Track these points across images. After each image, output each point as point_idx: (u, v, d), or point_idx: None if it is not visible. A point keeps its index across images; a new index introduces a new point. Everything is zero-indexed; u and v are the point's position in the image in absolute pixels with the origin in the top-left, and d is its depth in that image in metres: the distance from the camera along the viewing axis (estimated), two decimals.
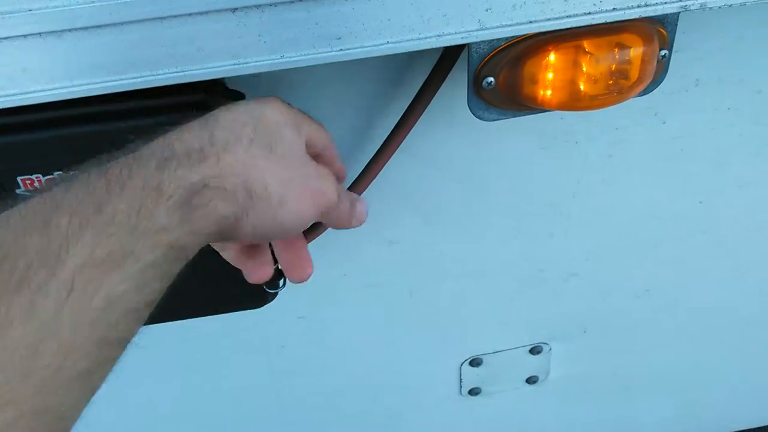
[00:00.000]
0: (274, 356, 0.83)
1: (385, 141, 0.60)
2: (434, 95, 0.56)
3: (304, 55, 0.42)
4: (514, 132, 0.65)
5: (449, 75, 0.56)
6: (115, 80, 0.42)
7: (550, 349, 0.90)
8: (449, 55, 0.53)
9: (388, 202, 0.69)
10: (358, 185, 0.63)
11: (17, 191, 0.48)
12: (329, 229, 0.66)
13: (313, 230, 0.65)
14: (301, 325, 0.80)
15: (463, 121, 0.63)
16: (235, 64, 0.42)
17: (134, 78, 0.42)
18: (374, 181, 0.62)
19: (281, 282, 0.60)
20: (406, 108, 0.58)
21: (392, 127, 0.59)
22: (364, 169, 0.62)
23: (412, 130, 0.59)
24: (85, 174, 0.34)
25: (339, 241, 0.71)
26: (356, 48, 0.42)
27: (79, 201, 0.32)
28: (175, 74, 0.42)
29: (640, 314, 0.87)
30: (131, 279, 0.32)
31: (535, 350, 0.90)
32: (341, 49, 0.42)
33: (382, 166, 0.62)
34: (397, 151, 0.60)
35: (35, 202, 0.33)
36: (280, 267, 0.61)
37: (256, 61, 0.42)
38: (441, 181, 0.68)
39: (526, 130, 0.65)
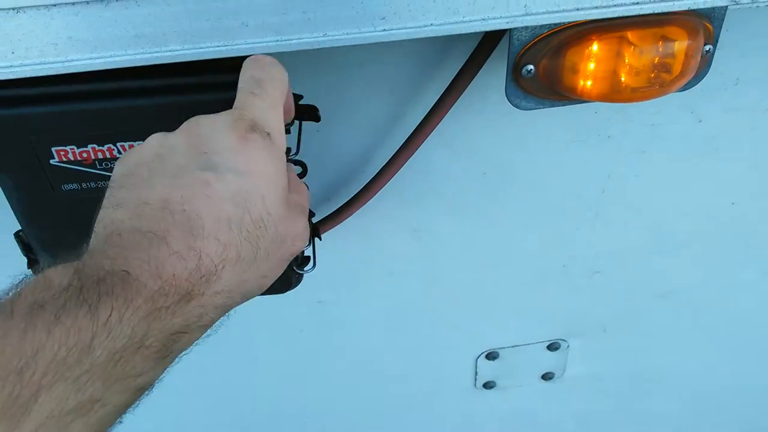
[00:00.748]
0: (291, 339, 0.83)
1: (416, 127, 0.59)
2: (470, 82, 0.56)
3: (347, 34, 0.42)
4: (546, 123, 0.64)
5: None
6: (157, 52, 0.41)
7: (568, 346, 0.90)
8: (488, 41, 0.53)
9: (414, 189, 0.69)
10: (387, 171, 0.62)
11: (50, 161, 0.48)
12: (353, 215, 0.66)
13: (332, 218, 0.65)
14: (320, 309, 0.80)
15: (495, 110, 0.62)
16: (277, 41, 0.42)
17: (176, 50, 0.41)
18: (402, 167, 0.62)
19: (311, 264, 0.60)
20: (440, 94, 0.58)
21: (424, 113, 0.59)
22: (393, 155, 0.61)
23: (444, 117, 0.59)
24: (73, 310, 0.31)
25: (362, 227, 0.71)
26: (399, 29, 0.42)
27: (61, 346, 0.30)
28: (218, 48, 0.41)
29: (662, 315, 0.86)
30: (95, 423, 0.31)
31: (552, 346, 0.90)
32: (384, 30, 0.42)
33: (412, 153, 0.61)
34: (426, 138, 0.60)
35: (16, 338, 0.29)
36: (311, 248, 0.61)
37: (299, 39, 0.42)
38: (469, 170, 0.68)
39: (559, 122, 0.64)
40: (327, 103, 0.56)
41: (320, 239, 0.64)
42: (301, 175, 0.57)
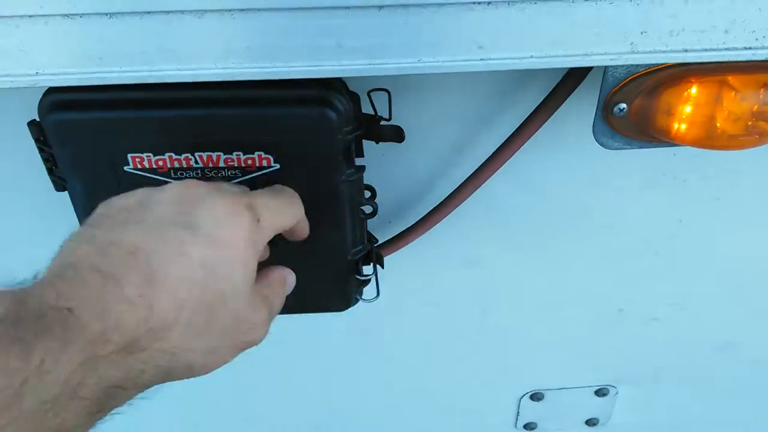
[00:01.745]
0: (332, 365, 0.81)
1: (488, 158, 0.58)
2: (550, 116, 0.54)
3: (443, 61, 0.40)
4: (621, 163, 0.62)
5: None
6: (246, 68, 0.40)
7: (617, 392, 0.86)
8: (574, 77, 0.51)
9: (474, 220, 0.67)
10: (452, 200, 0.60)
11: (125, 168, 0.47)
12: (409, 245, 0.64)
13: (392, 243, 0.63)
14: (363, 336, 0.78)
15: (569, 147, 0.60)
16: (370, 64, 0.40)
17: (267, 68, 0.40)
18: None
19: (376, 293, 0.58)
20: (511, 127, 0.56)
21: (491, 146, 0.57)
22: (461, 184, 0.60)
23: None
24: (4, 349, 0.28)
25: (416, 255, 0.68)
26: (497, 59, 0.40)
27: None
28: (308, 68, 0.40)
29: (717, 368, 0.83)
30: None
31: (600, 392, 0.86)
32: (481, 59, 0.40)
33: (480, 184, 0.59)
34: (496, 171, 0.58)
35: None
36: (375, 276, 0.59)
37: (394, 63, 0.40)
38: (533, 206, 0.66)
39: (635, 162, 0.62)
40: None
41: (383, 267, 0.62)
42: (371, 199, 0.56)
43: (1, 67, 0.40)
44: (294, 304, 0.60)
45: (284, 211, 0.43)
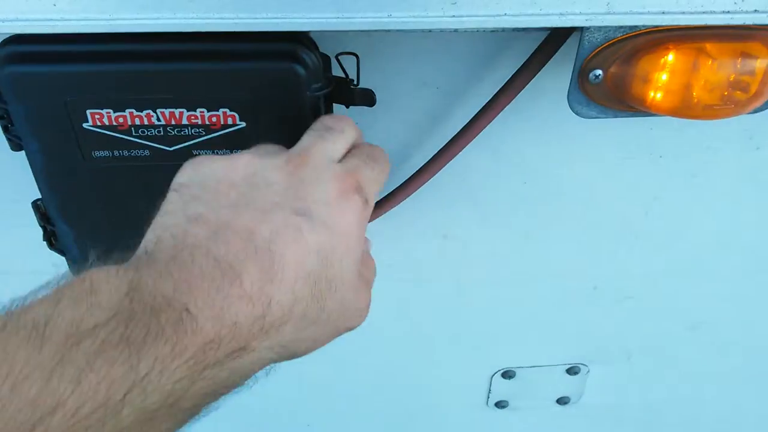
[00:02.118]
0: None
1: (462, 128, 0.56)
2: (526, 84, 0.53)
3: (413, 17, 0.39)
4: (597, 136, 0.61)
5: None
6: (209, 18, 0.38)
7: (588, 371, 0.86)
8: (551, 42, 0.50)
9: (448, 192, 0.65)
10: (424, 172, 0.59)
11: (83, 124, 0.45)
12: (380, 217, 0.62)
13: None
14: None
15: (546, 117, 0.59)
16: (338, 18, 0.39)
17: (230, 18, 0.38)
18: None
19: None
20: (487, 95, 0.55)
21: (467, 114, 0.56)
22: (434, 155, 0.58)
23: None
24: (111, 353, 0.26)
25: (388, 228, 0.67)
26: (470, 16, 0.39)
27: (86, 402, 0.24)
28: (275, 20, 0.38)
29: (690, 347, 0.83)
30: None
31: (572, 370, 0.86)
32: (453, 16, 0.39)
33: (454, 155, 0.58)
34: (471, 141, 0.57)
35: (38, 384, 0.24)
36: None
37: (362, 17, 0.39)
38: (509, 178, 0.65)
39: (611, 137, 0.61)
40: None
41: None
42: None
43: None
44: None
45: (381, 180, 0.42)
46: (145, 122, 0.44)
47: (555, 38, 0.49)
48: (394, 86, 0.57)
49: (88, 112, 0.44)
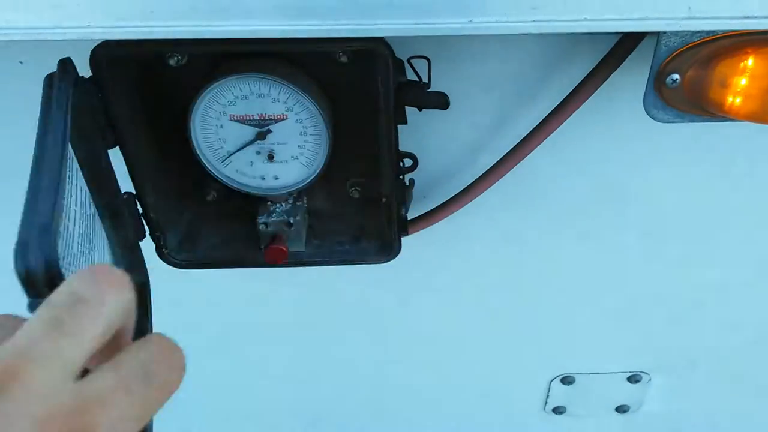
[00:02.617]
0: (361, 339, 0.81)
1: (532, 130, 0.57)
2: (597, 88, 0.53)
3: (494, 22, 0.40)
4: (670, 141, 0.60)
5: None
6: (296, 25, 0.40)
7: (650, 380, 0.85)
8: (626, 45, 0.50)
9: (514, 193, 0.66)
10: (491, 175, 0.60)
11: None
12: (445, 219, 0.63)
13: (425, 219, 0.63)
14: (397, 309, 0.78)
15: (617, 120, 0.59)
16: (418, 24, 0.40)
17: (317, 26, 0.40)
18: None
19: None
20: (557, 98, 0.55)
21: (536, 117, 0.56)
22: (501, 158, 0.59)
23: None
24: None
25: (452, 227, 0.68)
26: (550, 21, 0.40)
27: None
28: (358, 26, 0.40)
29: (757, 360, 0.81)
30: None
31: (633, 378, 0.85)
32: (534, 21, 0.40)
33: (521, 158, 0.59)
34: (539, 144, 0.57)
35: None
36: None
37: (443, 24, 0.40)
38: (577, 182, 0.64)
39: (684, 141, 0.60)
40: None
41: (407, 234, 0.62)
42: (411, 169, 0.56)
43: (53, 18, 0.41)
44: (335, 256, 0.61)
45: (146, 417, 0.25)
46: None
47: (628, 42, 0.49)
48: (461, 88, 0.58)
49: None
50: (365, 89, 0.55)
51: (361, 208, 0.64)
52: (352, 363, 0.84)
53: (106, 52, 0.46)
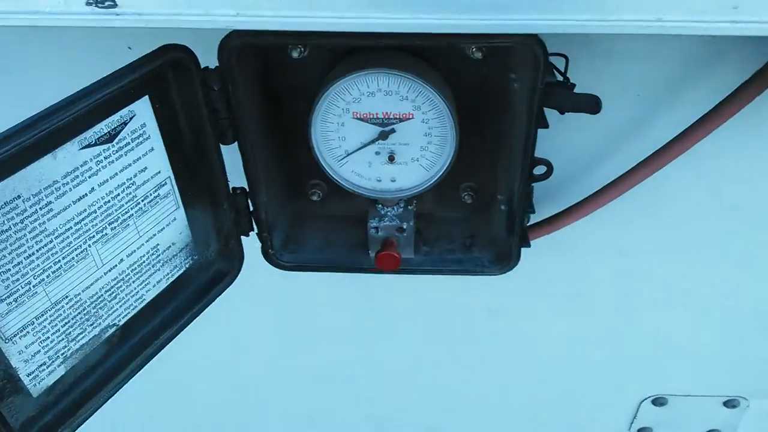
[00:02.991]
0: (454, 341, 0.78)
1: (671, 141, 0.53)
2: (755, 96, 0.48)
3: (687, 21, 0.36)
4: None
5: None
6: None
7: (749, 405, 0.80)
8: None
9: (633, 208, 0.61)
10: (618, 186, 0.56)
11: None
12: (561, 230, 0.59)
13: (546, 225, 0.59)
14: (487, 318, 0.75)
15: (763, 133, 0.54)
16: (602, 21, 0.36)
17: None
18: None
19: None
20: (710, 105, 0.50)
21: (676, 125, 0.52)
22: (634, 167, 0.55)
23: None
24: None
25: (562, 237, 0.63)
26: (752, 22, 0.35)
27: None
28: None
29: None
30: None
31: (730, 403, 0.80)
32: (733, 21, 0.36)
33: (655, 171, 0.54)
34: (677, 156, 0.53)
35: None
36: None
37: (628, 21, 0.36)
38: (704, 197, 0.60)
39: None
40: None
41: (528, 246, 0.58)
42: (544, 176, 0.52)
43: (198, 5, 0.38)
44: (446, 265, 0.58)
45: None
46: None
47: None
48: (594, 89, 0.53)
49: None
50: (497, 87, 0.52)
51: (473, 214, 0.60)
52: (439, 368, 0.80)
53: (237, 42, 0.43)
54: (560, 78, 0.47)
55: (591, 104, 0.46)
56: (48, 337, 0.45)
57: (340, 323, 0.74)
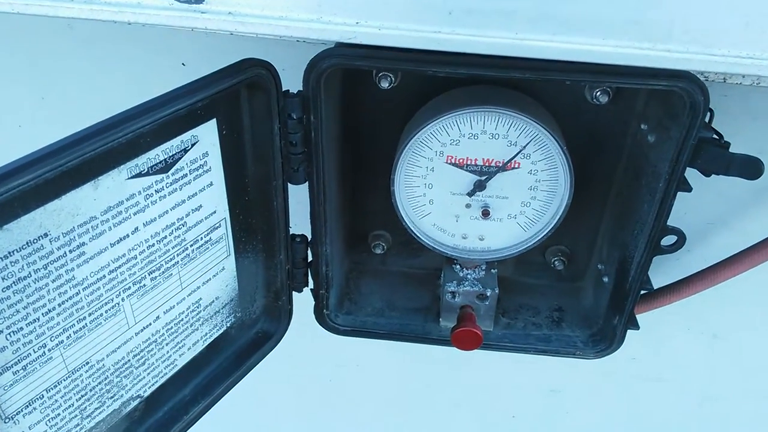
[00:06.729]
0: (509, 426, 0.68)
1: None
2: None
3: None
4: None
5: None
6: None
7: None
8: None
9: (731, 288, 0.53)
10: (739, 261, 0.47)
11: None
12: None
13: (650, 300, 0.51)
14: (550, 398, 0.66)
15: None
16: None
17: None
18: None
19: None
20: None
21: None
22: (756, 244, 0.46)
23: None
24: None
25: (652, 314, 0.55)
26: None
27: None
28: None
29: None
30: None
31: None
32: None
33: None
34: None
35: None
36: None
37: None
38: None
39: None
40: None
41: (637, 328, 0.49)
42: (673, 249, 0.43)
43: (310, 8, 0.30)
44: (531, 342, 0.49)
45: None
46: None
47: None
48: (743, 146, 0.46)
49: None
50: (614, 137, 0.44)
51: (559, 283, 0.52)
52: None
53: (332, 63, 0.35)
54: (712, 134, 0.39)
55: (751, 169, 0.38)
56: (59, 414, 0.35)
57: (387, 395, 0.64)
